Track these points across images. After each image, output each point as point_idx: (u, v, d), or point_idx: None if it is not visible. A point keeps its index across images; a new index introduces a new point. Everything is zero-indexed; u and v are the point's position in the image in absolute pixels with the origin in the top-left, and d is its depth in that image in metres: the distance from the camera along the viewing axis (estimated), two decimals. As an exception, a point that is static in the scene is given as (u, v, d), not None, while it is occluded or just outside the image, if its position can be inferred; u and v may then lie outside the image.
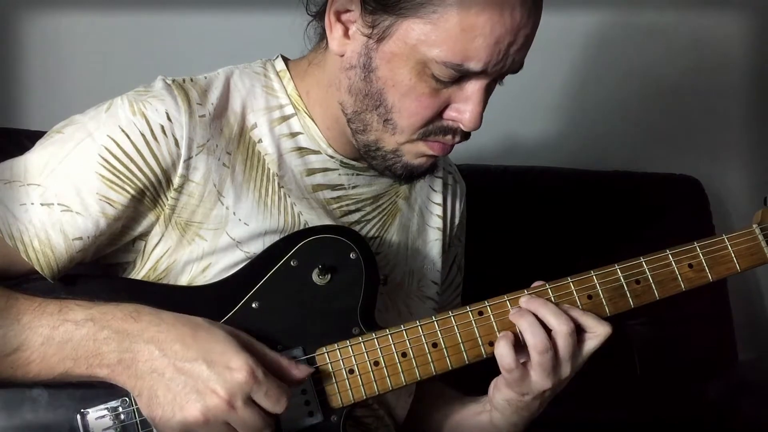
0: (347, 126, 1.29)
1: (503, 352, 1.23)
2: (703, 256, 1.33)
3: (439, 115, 1.24)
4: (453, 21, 1.15)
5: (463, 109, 1.22)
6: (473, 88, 1.21)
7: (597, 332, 1.25)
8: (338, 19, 1.24)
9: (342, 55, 1.25)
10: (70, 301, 1.14)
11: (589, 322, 1.25)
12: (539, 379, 1.23)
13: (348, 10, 1.23)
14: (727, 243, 1.35)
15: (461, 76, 1.19)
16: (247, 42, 1.91)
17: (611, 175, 2.28)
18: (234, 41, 2.05)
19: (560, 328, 1.22)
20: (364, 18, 1.21)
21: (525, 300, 1.26)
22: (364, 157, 1.33)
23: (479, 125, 1.23)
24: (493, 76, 1.21)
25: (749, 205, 1.42)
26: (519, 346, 1.24)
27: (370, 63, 1.22)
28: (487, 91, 1.23)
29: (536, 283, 1.29)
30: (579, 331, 1.25)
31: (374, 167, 1.34)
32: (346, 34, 1.24)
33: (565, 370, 1.24)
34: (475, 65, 1.17)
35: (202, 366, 1.09)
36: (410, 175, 1.33)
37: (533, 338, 1.22)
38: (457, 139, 1.28)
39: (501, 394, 1.29)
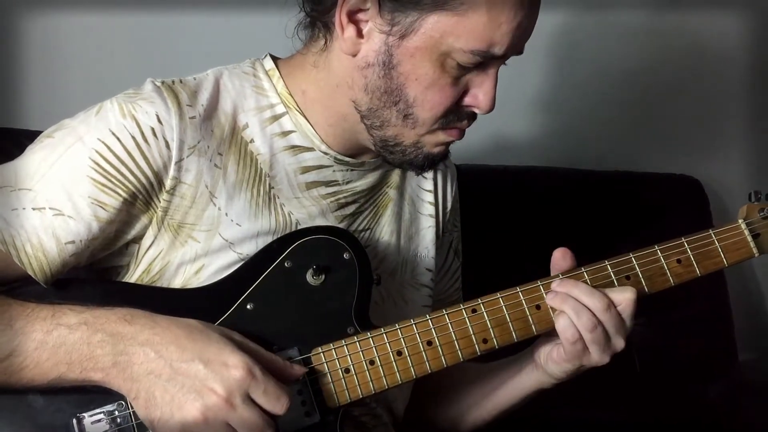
0: (360, 123, 1.30)
1: (565, 325, 1.26)
2: (691, 251, 1.35)
3: (456, 102, 1.26)
4: (480, 11, 1.18)
5: (480, 94, 1.26)
6: (489, 72, 1.25)
7: (624, 301, 1.27)
8: (350, 20, 1.24)
9: (354, 55, 1.26)
10: (63, 305, 1.14)
11: (613, 296, 1.28)
12: (596, 356, 1.27)
13: (361, 10, 1.23)
14: (714, 238, 1.37)
15: (482, 61, 1.22)
16: (247, 42, 1.91)
17: (611, 175, 2.28)
18: (234, 41, 2.04)
19: (596, 305, 1.25)
20: (382, 16, 1.21)
21: (557, 284, 1.28)
22: (380, 151, 1.34)
23: (494, 107, 1.27)
24: (507, 58, 1.25)
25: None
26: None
27: (390, 60, 1.23)
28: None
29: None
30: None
31: (390, 161, 1.36)
32: (359, 33, 1.24)
33: (618, 342, 1.27)
34: (498, 50, 1.21)
35: (198, 366, 1.09)
36: (431, 164, 1.36)
37: (580, 319, 1.24)
38: (471, 122, 1.31)
39: (558, 366, 1.31)
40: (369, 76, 1.26)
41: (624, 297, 1.27)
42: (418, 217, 1.48)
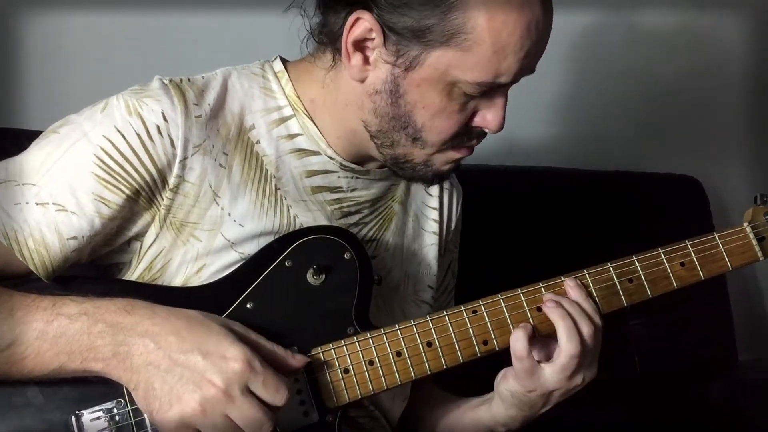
0: (370, 141, 1.31)
1: (517, 338, 1.25)
2: (694, 254, 1.35)
3: (465, 124, 1.27)
4: (485, 45, 1.18)
5: (489, 116, 1.26)
6: (498, 95, 1.25)
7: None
8: (356, 48, 1.24)
9: (362, 81, 1.26)
10: (63, 296, 1.14)
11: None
12: (553, 378, 1.26)
13: (367, 39, 1.23)
14: (719, 241, 1.37)
15: (488, 90, 1.23)
16: (247, 43, 1.92)
17: (611, 175, 2.28)
18: (234, 42, 2.05)
19: (591, 342, 1.26)
20: (387, 47, 1.22)
21: (565, 299, 1.28)
22: (391, 167, 1.35)
23: (503, 126, 1.27)
24: (516, 82, 1.25)
25: (749, 205, 1.43)
26: (535, 338, 1.27)
27: (397, 89, 1.24)
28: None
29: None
30: None
31: (401, 176, 1.37)
32: (366, 60, 1.24)
33: (580, 378, 1.27)
34: (505, 79, 1.21)
35: (197, 357, 1.09)
36: (440, 180, 1.38)
37: (569, 342, 1.24)
38: (480, 141, 1.32)
39: (507, 384, 1.30)
40: (377, 101, 1.26)
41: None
42: (421, 233, 1.48)
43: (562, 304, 1.27)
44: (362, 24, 1.21)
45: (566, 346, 1.24)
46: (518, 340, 1.25)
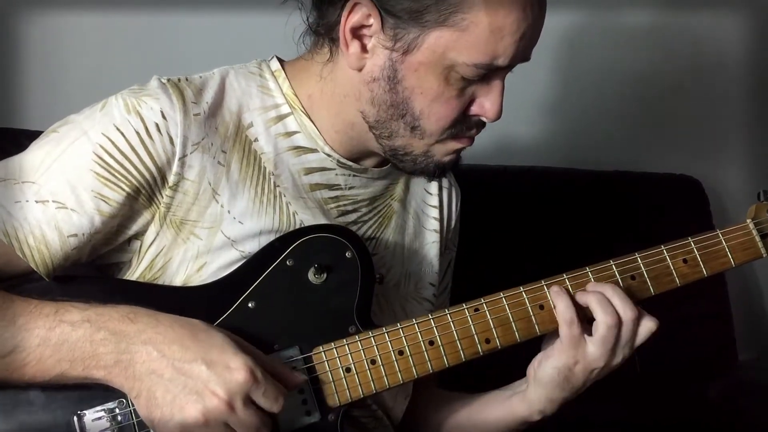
0: (368, 132, 1.31)
1: (564, 305, 1.26)
2: (697, 251, 1.34)
3: (463, 112, 1.27)
4: (482, 25, 1.18)
5: (486, 103, 1.26)
6: (495, 81, 1.25)
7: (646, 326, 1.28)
8: (354, 36, 1.24)
9: (359, 70, 1.26)
10: (66, 302, 1.14)
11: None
12: (596, 352, 1.26)
13: (364, 26, 1.23)
14: (722, 238, 1.35)
15: (486, 73, 1.23)
16: (244, 43, 1.91)
17: (611, 175, 2.28)
18: (233, 42, 2.06)
19: (626, 315, 1.26)
20: (385, 31, 1.22)
21: (593, 284, 1.29)
22: (391, 160, 1.35)
23: (501, 115, 1.27)
24: (513, 66, 1.25)
25: (749, 205, 1.42)
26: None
27: (395, 75, 1.24)
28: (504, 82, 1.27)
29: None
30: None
31: (402, 169, 1.37)
32: (364, 48, 1.25)
33: (620, 354, 1.27)
34: (502, 62, 1.21)
35: (201, 366, 1.09)
36: (442, 172, 1.38)
37: (604, 314, 1.25)
38: (479, 130, 1.32)
39: (549, 363, 1.29)
40: (375, 89, 1.26)
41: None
42: (422, 231, 1.48)
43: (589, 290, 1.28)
44: (360, 9, 1.22)
45: (603, 318, 1.25)
46: (567, 307, 1.26)
